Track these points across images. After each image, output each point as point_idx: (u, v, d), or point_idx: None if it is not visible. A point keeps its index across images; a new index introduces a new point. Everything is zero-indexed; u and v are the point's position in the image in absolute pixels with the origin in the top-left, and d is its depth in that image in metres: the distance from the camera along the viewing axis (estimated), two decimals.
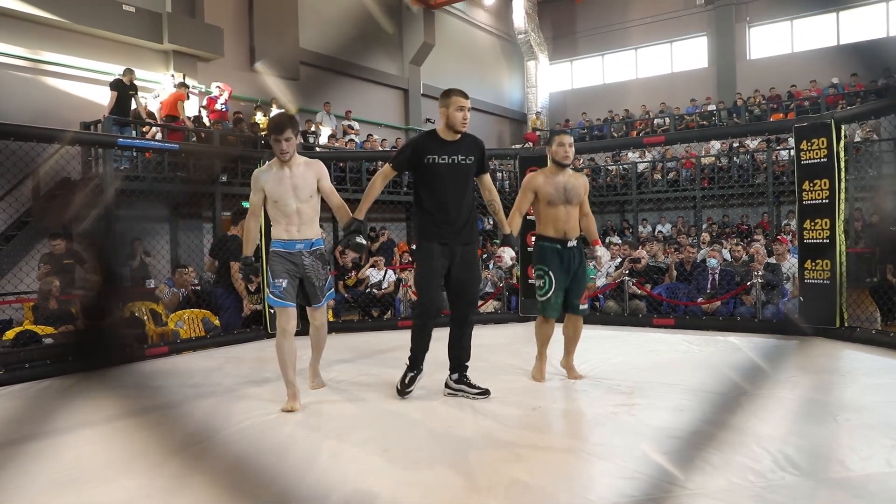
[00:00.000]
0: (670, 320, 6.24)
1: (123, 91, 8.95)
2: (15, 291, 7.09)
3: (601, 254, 4.07)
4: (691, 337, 5.61)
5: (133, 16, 10.28)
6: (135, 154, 8.76)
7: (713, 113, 16.63)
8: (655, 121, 17.55)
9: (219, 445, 2.98)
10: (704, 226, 13.29)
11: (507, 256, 3.76)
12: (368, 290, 8.16)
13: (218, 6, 11.88)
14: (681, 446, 2.73)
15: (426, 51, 16.86)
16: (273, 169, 3.55)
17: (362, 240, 3.55)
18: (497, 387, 3.78)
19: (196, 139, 9.83)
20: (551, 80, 21.11)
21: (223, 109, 10.72)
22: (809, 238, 5.41)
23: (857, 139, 11.89)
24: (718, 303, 6.55)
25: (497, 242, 10.89)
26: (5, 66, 9.04)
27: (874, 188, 11.71)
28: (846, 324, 5.27)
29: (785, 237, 8.53)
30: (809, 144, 5.41)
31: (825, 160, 5.31)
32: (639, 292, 6.94)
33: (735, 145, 14.39)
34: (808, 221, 5.41)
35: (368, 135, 13.87)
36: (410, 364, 3.71)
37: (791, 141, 6.68)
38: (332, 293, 3.56)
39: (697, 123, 16.48)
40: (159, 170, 9.20)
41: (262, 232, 6.06)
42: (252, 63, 12.67)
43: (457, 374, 3.75)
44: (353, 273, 8.62)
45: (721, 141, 14.57)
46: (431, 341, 3.69)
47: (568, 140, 3.97)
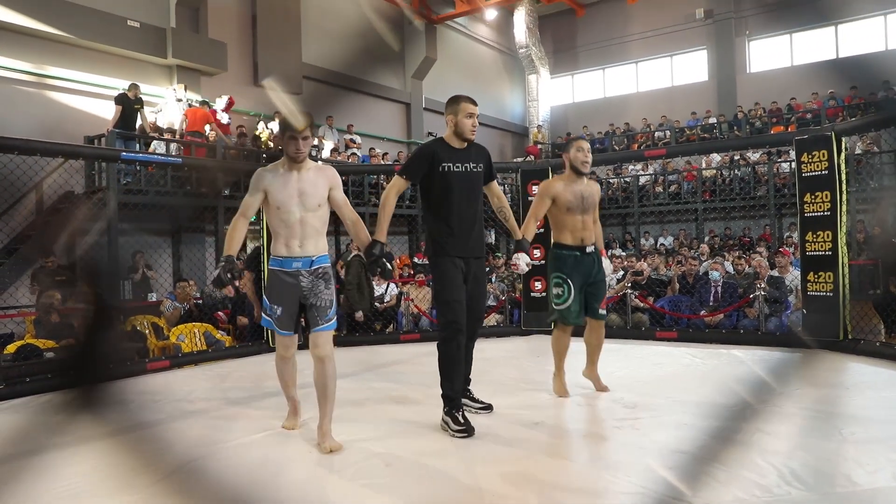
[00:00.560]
0: (673, 333, 6.23)
1: (128, 105, 9.00)
2: (16, 305, 7.10)
3: (605, 266, 4.04)
4: (694, 350, 5.59)
5: (137, 31, 10.36)
6: (138, 168, 8.79)
7: (714, 126, 16.68)
8: (656, 134, 17.59)
9: (218, 462, 2.96)
10: (707, 238, 13.29)
11: (523, 262, 3.65)
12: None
13: (222, 21, 11.98)
14: (686, 461, 2.72)
15: (428, 65, 16.96)
16: (279, 170, 3.12)
17: (389, 265, 3.25)
18: (500, 401, 3.77)
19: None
20: (552, 94, 21.20)
21: (226, 122, 10.76)
22: (812, 250, 5.41)
23: (858, 151, 11.91)
24: (721, 315, 6.53)
25: (499, 255, 10.89)
26: (10, 81, 9.11)
27: (875, 200, 11.71)
28: (850, 336, 5.25)
29: (787, 249, 8.53)
30: (810, 157, 5.42)
31: (826, 172, 5.32)
32: (641, 305, 6.92)
33: (736, 158, 14.42)
34: (810, 234, 5.41)
35: (370, 148, 13.92)
36: (452, 401, 3.30)
37: (792, 153, 6.69)
38: (334, 323, 3.18)
39: (698, 136, 16.52)
40: (163, 183, 9.23)
41: (264, 243, 6.05)
42: (255, 77, 12.74)
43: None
44: None
45: (722, 154, 14.60)
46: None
47: (587, 146, 3.96)
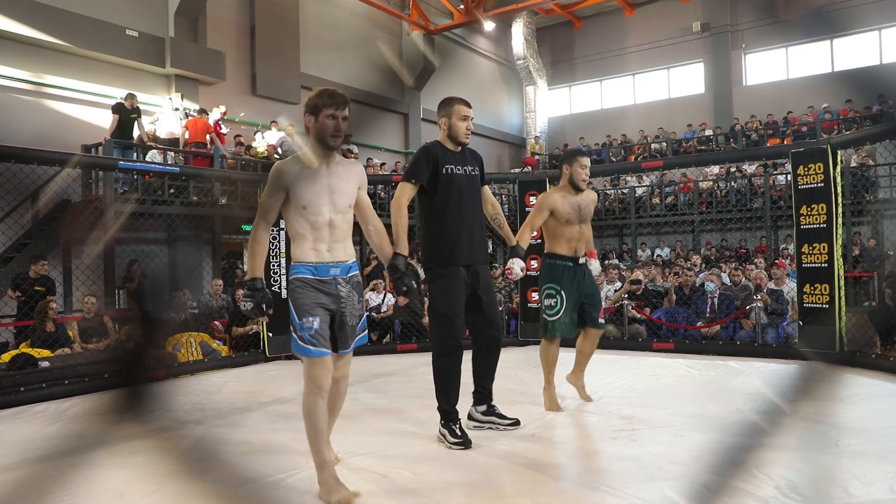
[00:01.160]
0: (670, 344, 6.23)
1: (125, 115, 9.02)
2: (11, 314, 7.06)
3: (594, 267, 4.04)
4: (691, 361, 5.60)
5: (136, 40, 10.39)
6: (135, 177, 8.79)
7: (710, 138, 16.76)
8: (653, 146, 17.66)
9: (212, 473, 2.94)
10: (703, 250, 13.32)
11: (518, 268, 3.56)
12: (367, 314, 8.13)
13: (220, 31, 12.03)
14: (683, 472, 2.71)
15: (426, 76, 17.03)
16: (301, 163, 2.67)
17: (415, 284, 2.99)
18: None
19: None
20: (550, 105, 21.29)
21: (224, 132, 10.76)
22: (808, 262, 5.43)
23: (853, 164, 11.97)
24: (718, 327, 6.55)
25: (497, 266, 10.87)
26: (9, 90, 9.12)
27: (871, 212, 11.77)
28: (846, 348, 5.26)
29: (783, 261, 8.54)
30: (806, 169, 5.45)
31: (822, 185, 5.35)
32: (638, 316, 6.93)
33: (732, 170, 14.48)
34: (807, 246, 5.43)
35: (368, 158, 13.94)
36: (448, 414, 3.23)
37: (788, 166, 6.73)
38: (365, 336, 2.85)
39: (695, 148, 16.60)
40: (160, 192, 9.23)
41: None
42: (254, 87, 12.77)
43: (485, 406, 3.49)
44: None
45: (719, 166, 14.66)
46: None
47: (588, 162, 3.98)
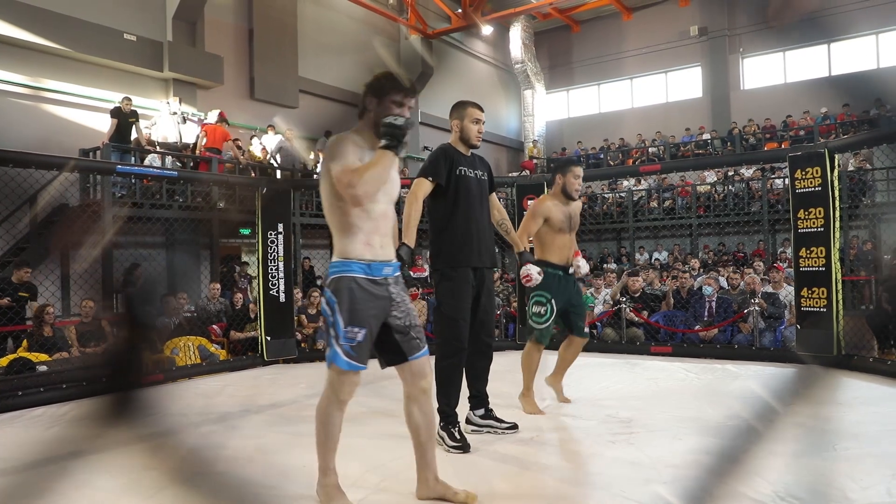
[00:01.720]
0: (668, 348, 6.23)
1: (123, 119, 9.02)
2: None
3: (582, 264, 4.08)
4: (689, 365, 5.60)
5: (134, 44, 10.40)
6: (133, 181, 8.79)
7: (708, 142, 16.80)
8: (651, 149, 17.70)
9: (212, 478, 2.94)
10: (700, 253, 13.33)
11: (535, 272, 3.66)
12: None
13: (218, 35, 12.04)
14: (681, 476, 2.71)
15: (424, 80, 17.06)
16: (363, 141, 2.34)
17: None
18: None
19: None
20: (548, 109, 21.32)
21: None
22: (805, 266, 5.43)
23: (851, 168, 12.00)
24: (716, 330, 6.55)
25: (495, 270, 10.87)
26: (7, 94, 9.12)
27: (868, 216, 11.79)
28: (844, 352, 5.26)
29: (781, 265, 8.56)
30: (804, 173, 5.46)
31: (819, 189, 5.36)
32: (636, 320, 6.93)
33: (730, 174, 14.50)
34: (804, 249, 5.44)
35: None
36: (448, 416, 3.25)
37: (786, 170, 6.74)
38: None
39: (693, 152, 16.63)
40: (158, 196, 9.23)
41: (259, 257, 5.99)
42: (252, 91, 12.78)
43: (482, 410, 3.53)
44: None
45: (716, 170, 14.69)
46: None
47: (581, 172, 4.03)
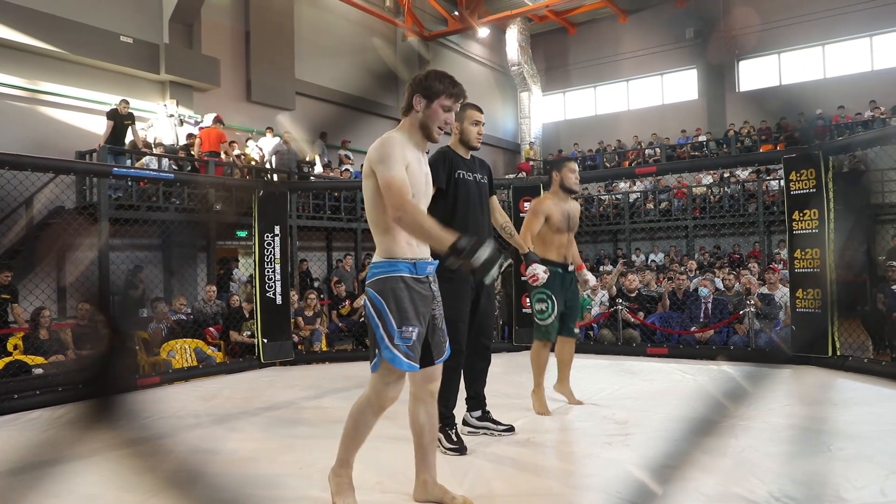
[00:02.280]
0: (664, 349, 6.25)
1: (119, 121, 9.02)
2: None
3: (591, 278, 4.16)
4: (685, 366, 5.62)
5: (130, 47, 10.39)
6: (129, 183, 8.78)
7: (703, 144, 16.84)
8: (647, 151, 17.74)
9: (207, 480, 2.94)
10: (696, 255, 13.37)
11: (541, 272, 3.66)
12: (362, 319, 8.15)
13: (215, 37, 12.03)
14: (676, 476, 2.72)
15: None
16: (407, 142, 2.35)
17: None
18: None
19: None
20: (544, 111, 21.36)
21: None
22: (800, 267, 5.46)
23: (845, 170, 12.04)
24: (712, 332, 6.57)
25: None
26: (3, 96, 9.11)
27: (862, 218, 11.82)
28: (838, 352, 5.29)
29: (777, 266, 8.59)
30: (798, 175, 5.49)
31: (814, 190, 5.38)
32: (633, 321, 6.95)
33: (726, 175, 14.55)
34: (799, 251, 5.47)
35: (362, 165, 13.97)
36: (446, 419, 3.23)
37: (781, 171, 6.77)
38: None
39: (689, 154, 16.67)
40: (154, 199, 9.22)
41: (256, 260, 5.99)
42: (248, 93, 12.77)
43: (479, 412, 3.55)
44: (348, 302, 8.62)
45: (712, 172, 14.73)
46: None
47: (576, 167, 4.09)
